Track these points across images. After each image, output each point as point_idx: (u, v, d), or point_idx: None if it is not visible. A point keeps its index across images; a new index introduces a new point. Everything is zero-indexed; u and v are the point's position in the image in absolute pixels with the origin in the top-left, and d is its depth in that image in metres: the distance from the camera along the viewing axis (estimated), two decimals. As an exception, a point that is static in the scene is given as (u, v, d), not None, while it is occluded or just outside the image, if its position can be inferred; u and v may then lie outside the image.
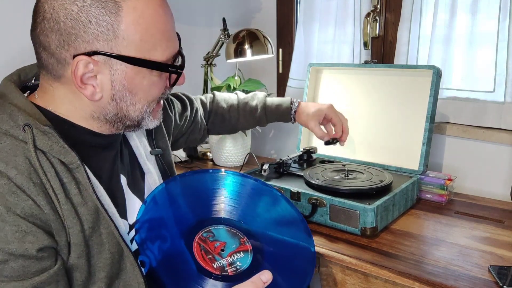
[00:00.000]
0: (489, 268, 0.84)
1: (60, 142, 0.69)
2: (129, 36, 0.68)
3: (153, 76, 0.73)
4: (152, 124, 0.79)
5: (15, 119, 0.68)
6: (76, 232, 0.69)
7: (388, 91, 1.32)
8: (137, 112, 0.75)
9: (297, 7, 1.76)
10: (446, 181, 1.20)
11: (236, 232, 0.73)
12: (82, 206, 0.70)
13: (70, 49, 0.67)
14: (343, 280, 0.95)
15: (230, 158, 1.55)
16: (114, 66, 0.69)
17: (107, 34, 0.67)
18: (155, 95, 0.76)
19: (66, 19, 0.66)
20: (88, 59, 0.67)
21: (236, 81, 1.55)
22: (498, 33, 1.24)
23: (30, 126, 0.68)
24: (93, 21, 0.66)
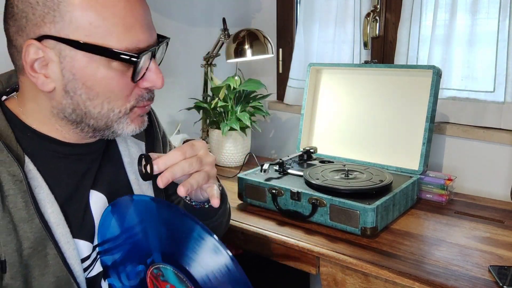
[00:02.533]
0: (489, 268, 0.84)
1: (4, 151, 0.64)
2: (77, 19, 0.62)
3: (112, 69, 0.65)
4: (128, 129, 0.71)
5: None
6: (11, 251, 0.63)
7: (388, 91, 1.32)
8: (98, 109, 0.67)
9: (297, 7, 1.76)
10: (446, 181, 1.20)
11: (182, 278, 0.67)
12: (25, 223, 0.64)
13: (23, 34, 0.64)
14: (343, 280, 0.95)
15: (230, 158, 1.55)
16: (63, 52, 0.64)
17: (53, 15, 0.62)
18: (117, 91, 0.67)
19: (18, 2, 0.64)
20: (37, 44, 0.63)
21: (236, 81, 1.55)
22: (498, 33, 1.24)
23: None
24: (40, 2, 0.62)
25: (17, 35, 0.65)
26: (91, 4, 0.62)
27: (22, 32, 0.64)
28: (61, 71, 0.65)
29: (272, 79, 1.86)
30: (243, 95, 1.57)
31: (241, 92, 1.56)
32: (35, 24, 0.63)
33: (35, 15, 0.63)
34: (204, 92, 1.65)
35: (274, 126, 1.84)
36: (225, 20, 1.55)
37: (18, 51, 0.66)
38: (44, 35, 0.63)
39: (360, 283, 0.93)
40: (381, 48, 1.53)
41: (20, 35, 0.64)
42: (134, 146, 0.84)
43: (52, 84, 0.66)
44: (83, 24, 0.63)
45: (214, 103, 1.51)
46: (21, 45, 0.65)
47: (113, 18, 0.63)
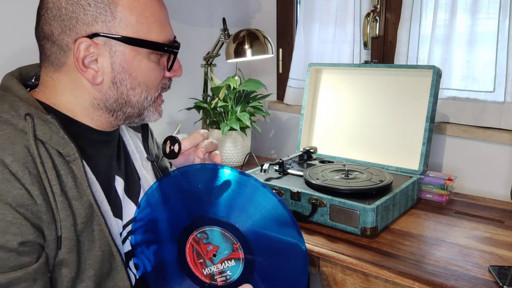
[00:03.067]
0: (489, 268, 0.84)
1: (60, 132, 0.70)
2: (126, 18, 0.71)
3: (151, 61, 0.75)
4: (153, 117, 0.80)
5: (16, 109, 0.69)
6: (68, 225, 0.68)
7: (388, 91, 1.32)
8: (137, 97, 0.76)
9: (297, 7, 1.76)
10: (446, 181, 1.20)
11: (229, 236, 0.72)
12: (76, 200, 0.70)
13: (71, 33, 0.70)
14: (343, 280, 0.95)
15: (230, 158, 1.55)
16: (114, 48, 0.72)
17: (105, 15, 0.70)
18: (154, 80, 0.77)
19: (67, 4, 0.70)
20: (89, 41, 0.70)
21: (236, 81, 1.55)
22: (498, 33, 1.24)
23: (31, 115, 0.68)
24: (92, 3, 0.70)
25: (63, 35, 0.71)
26: (135, 4, 0.72)
27: (70, 31, 0.70)
28: (111, 64, 0.72)
29: (272, 79, 1.86)
30: (243, 95, 1.57)
31: (241, 92, 1.56)
32: (86, 24, 0.70)
33: (86, 15, 0.70)
34: (204, 92, 1.65)
35: (274, 126, 1.84)
36: (225, 20, 1.55)
37: (63, 49, 0.72)
38: (95, 33, 0.70)
39: (360, 283, 0.93)
40: (381, 48, 1.53)
41: (68, 34, 0.70)
42: (133, 136, 0.92)
43: (101, 77, 0.73)
44: (131, 22, 0.72)
45: (214, 103, 1.51)
46: (68, 43, 0.71)
47: (152, 17, 0.74)
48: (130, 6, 0.72)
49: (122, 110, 0.77)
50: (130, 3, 0.72)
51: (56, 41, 0.72)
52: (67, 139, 0.70)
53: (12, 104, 0.69)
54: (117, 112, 0.77)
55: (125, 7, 0.71)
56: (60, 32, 0.71)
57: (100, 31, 0.70)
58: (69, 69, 0.73)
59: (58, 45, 0.72)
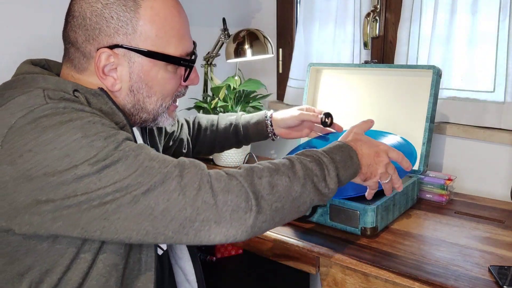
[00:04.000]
0: (489, 268, 0.84)
1: (108, 103, 0.75)
2: (146, 32, 0.75)
3: (168, 71, 0.79)
4: (167, 121, 0.85)
5: (63, 87, 0.72)
6: None
7: (388, 91, 1.32)
8: (153, 105, 0.81)
9: (297, 7, 1.76)
10: (446, 181, 1.20)
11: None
12: None
13: (94, 43, 0.75)
14: (343, 280, 0.95)
15: (230, 158, 1.55)
16: (132, 59, 0.76)
17: (126, 28, 0.74)
18: (169, 89, 0.81)
19: (92, 15, 0.74)
20: (109, 51, 0.74)
21: (236, 81, 1.54)
22: (498, 33, 1.24)
23: (79, 91, 0.73)
24: (115, 17, 0.74)
25: (86, 43, 0.75)
26: (155, 19, 0.76)
27: (93, 41, 0.75)
28: (129, 74, 0.77)
29: (272, 79, 1.86)
30: (243, 95, 1.57)
31: (241, 92, 1.56)
32: (108, 35, 0.74)
33: (109, 27, 0.74)
34: (204, 92, 1.65)
35: (274, 126, 1.84)
36: (225, 20, 1.55)
37: (86, 56, 0.76)
38: (116, 44, 0.75)
39: (360, 283, 0.93)
40: (381, 48, 1.53)
41: (91, 43, 0.75)
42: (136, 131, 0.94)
43: (119, 85, 0.77)
44: (150, 35, 0.76)
45: (214, 103, 1.51)
46: (91, 51, 0.75)
47: (171, 30, 0.78)
48: (150, 21, 0.75)
49: (138, 115, 0.81)
50: (151, 17, 0.75)
51: (80, 48, 0.76)
52: (115, 108, 0.75)
53: (57, 83, 0.72)
54: (134, 116, 0.81)
55: (146, 21, 0.75)
56: (84, 40, 0.75)
57: (121, 42, 0.75)
58: (90, 74, 0.77)
59: (81, 52, 0.76)
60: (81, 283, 0.70)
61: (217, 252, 1.49)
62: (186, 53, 0.81)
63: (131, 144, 0.67)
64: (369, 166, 0.86)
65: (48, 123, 0.64)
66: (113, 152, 0.64)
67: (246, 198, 0.68)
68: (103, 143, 0.64)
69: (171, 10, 0.78)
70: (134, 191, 0.63)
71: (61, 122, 0.64)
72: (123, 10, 0.74)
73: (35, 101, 0.67)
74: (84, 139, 0.63)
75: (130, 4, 0.74)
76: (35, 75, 0.74)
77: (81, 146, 0.63)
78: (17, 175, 0.62)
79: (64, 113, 0.66)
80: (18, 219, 0.64)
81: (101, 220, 0.63)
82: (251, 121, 1.18)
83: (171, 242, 0.67)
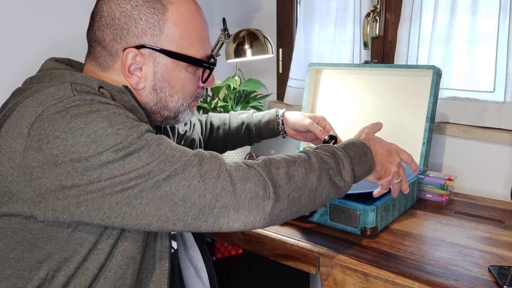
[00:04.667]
0: (489, 268, 0.84)
1: (131, 100, 0.77)
2: (172, 33, 0.79)
3: (188, 72, 0.83)
4: (188, 117, 0.88)
5: (89, 83, 0.75)
6: None
7: (388, 91, 1.32)
8: (174, 103, 0.84)
9: (297, 7, 1.76)
10: (446, 181, 1.20)
11: None
12: None
13: (121, 42, 0.78)
14: (343, 280, 0.95)
15: (230, 159, 1.55)
16: (157, 59, 0.79)
17: (154, 30, 0.78)
18: (190, 89, 0.85)
19: (121, 16, 0.77)
20: (136, 51, 0.78)
21: (236, 81, 1.54)
22: (498, 33, 1.24)
23: (104, 88, 0.75)
24: (143, 18, 0.77)
25: (114, 42, 0.78)
26: (181, 21, 0.79)
27: (121, 40, 0.78)
28: (153, 73, 0.80)
29: (272, 79, 1.86)
30: (243, 95, 1.57)
31: (241, 92, 1.56)
32: (136, 35, 0.78)
33: (137, 28, 0.77)
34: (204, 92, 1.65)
35: (274, 126, 1.84)
36: (225, 20, 1.55)
37: (112, 55, 0.79)
38: (143, 45, 0.78)
39: (360, 283, 0.93)
40: (381, 48, 1.53)
41: (118, 42, 0.78)
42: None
43: (143, 84, 0.80)
44: (176, 37, 0.79)
45: (214, 103, 1.51)
46: (117, 50, 0.78)
47: (194, 33, 0.81)
48: (176, 23, 0.79)
49: (160, 113, 0.84)
50: (177, 20, 0.79)
51: (106, 47, 0.79)
52: (137, 106, 0.78)
53: (84, 79, 0.75)
54: (156, 114, 0.84)
55: (172, 24, 0.79)
56: (112, 39, 0.78)
57: (148, 43, 0.78)
58: (114, 72, 0.80)
59: (108, 50, 0.79)
60: (97, 273, 0.72)
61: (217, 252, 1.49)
62: (206, 55, 0.84)
63: (152, 134, 0.70)
64: (383, 164, 0.88)
65: (76, 111, 0.67)
66: (137, 141, 0.67)
67: (264, 186, 0.71)
68: (127, 132, 0.67)
69: (194, 14, 0.81)
70: (156, 177, 0.66)
71: (89, 111, 0.67)
72: (151, 13, 0.77)
73: (64, 93, 0.70)
74: (110, 128, 0.66)
75: (158, 7, 0.77)
76: (62, 71, 0.77)
77: (107, 134, 0.66)
78: (45, 160, 0.65)
79: (92, 104, 0.69)
80: (42, 205, 0.66)
81: (123, 206, 0.66)
82: (262, 120, 1.20)
83: (190, 229, 0.69)
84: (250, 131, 1.21)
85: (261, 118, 1.21)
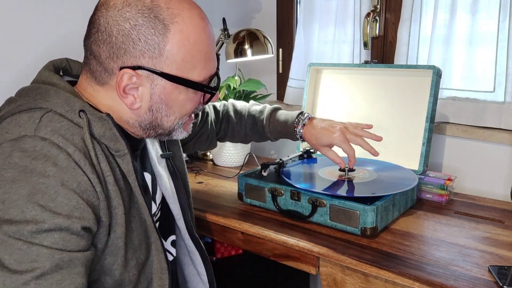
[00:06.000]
0: (489, 268, 0.84)
1: (113, 129, 0.74)
2: (173, 56, 0.74)
3: (189, 93, 0.79)
4: (181, 135, 0.85)
5: (71, 105, 0.72)
6: (120, 213, 0.74)
7: (388, 91, 1.32)
8: (170, 123, 0.80)
9: (297, 7, 1.76)
10: (446, 181, 1.20)
11: None
12: (124, 191, 0.76)
13: (118, 61, 0.73)
14: (343, 280, 0.95)
15: (230, 158, 1.55)
16: (155, 81, 0.75)
17: (153, 52, 0.73)
18: (188, 109, 0.81)
19: (118, 34, 0.72)
20: (132, 72, 0.73)
21: (236, 81, 1.55)
22: (498, 33, 1.24)
23: (85, 112, 0.72)
24: (142, 39, 0.72)
25: (109, 60, 0.74)
26: (184, 43, 0.74)
27: (117, 59, 0.73)
28: (150, 95, 0.76)
29: (272, 79, 1.86)
30: (243, 95, 1.57)
31: (241, 92, 1.56)
32: (133, 56, 0.73)
33: (135, 49, 0.72)
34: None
35: (274, 126, 1.84)
36: (225, 20, 1.55)
37: (107, 72, 0.75)
38: (140, 66, 0.73)
39: (360, 283, 0.93)
40: (381, 48, 1.53)
41: (114, 60, 0.74)
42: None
43: (139, 104, 0.76)
44: (176, 60, 0.74)
45: (214, 103, 1.51)
46: (113, 68, 0.74)
47: (198, 55, 0.76)
48: (179, 45, 0.73)
49: (154, 130, 0.81)
50: (180, 41, 0.73)
51: (102, 63, 0.74)
52: (118, 136, 0.75)
53: (67, 100, 0.72)
54: (150, 131, 0.81)
55: (174, 45, 0.73)
56: (108, 56, 0.73)
57: (145, 65, 0.73)
58: (110, 88, 0.76)
59: (103, 67, 0.75)
60: None
61: (217, 252, 1.49)
62: (210, 75, 0.80)
63: (55, 237, 0.65)
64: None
65: (16, 161, 0.66)
66: (28, 236, 0.63)
67: None
68: (35, 213, 0.63)
69: (200, 34, 0.76)
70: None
71: (25, 170, 0.65)
72: (152, 34, 0.72)
73: (26, 130, 0.68)
74: (24, 199, 0.64)
75: (160, 28, 0.72)
76: (49, 88, 0.74)
77: (16, 204, 0.64)
78: None
79: (35, 158, 0.66)
80: None
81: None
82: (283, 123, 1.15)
83: None
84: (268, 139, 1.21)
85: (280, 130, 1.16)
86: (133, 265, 0.78)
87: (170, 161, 0.95)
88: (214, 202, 1.22)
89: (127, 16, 0.71)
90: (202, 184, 1.37)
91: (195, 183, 1.37)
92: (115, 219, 0.73)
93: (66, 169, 0.67)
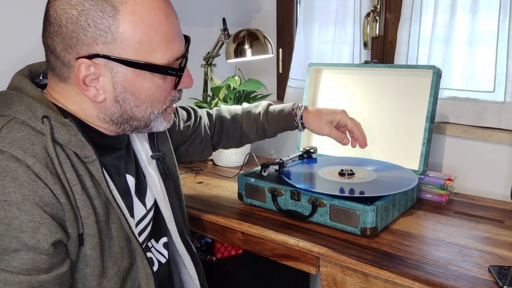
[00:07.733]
0: (489, 268, 0.84)
1: (78, 135, 0.70)
2: (128, 39, 0.69)
3: (156, 78, 0.73)
4: (162, 126, 0.80)
5: (33, 111, 0.69)
6: (91, 223, 0.70)
7: (388, 91, 1.32)
8: (142, 113, 0.76)
9: (297, 7, 1.76)
10: (446, 181, 1.20)
11: None
12: (96, 199, 0.72)
13: (72, 52, 0.69)
14: (343, 280, 0.95)
15: (230, 158, 1.55)
16: (115, 69, 0.70)
17: (105, 37, 0.68)
18: (159, 97, 0.76)
19: (67, 23, 0.68)
20: (89, 62, 0.69)
21: (236, 81, 1.55)
22: (498, 33, 1.24)
23: (49, 118, 0.68)
24: (92, 24, 0.67)
25: (65, 52, 0.70)
26: (138, 24, 0.69)
27: (71, 50, 0.69)
28: (112, 84, 0.71)
29: (272, 79, 1.86)
30: (243, 95, 1.57)
31: (241, 92, 1.56)
32: (86, 44, 0.68)
33: (86, 36, 0.68)
34: (204, 92, 1.65)
35: (274, 126, 1.84)
36: (225, 20, 1.55)
37: (65, 65, 0.71)
38: (96, 54, 0.68)
39: (360, 283, 0.93)
40: (381, 48, 1.53)
41: (69, 52, 0.69)
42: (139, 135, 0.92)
43: (103, 96, 0.72)
44: (132, 43, 0.69)
45: (214, 103, 1.51)
46: (69, 60, 0.70)
47: (157, 36, 0.71)
48: (133, 27, 0.68)
49: (128, 123, 0.77)
50: (133, 23, 0.68)
51: (59, 57, 0.71)
52: (85, 141, 0.71)
53: (29, 106, 0.69)
54: (124, 125, 0.77)
55: (128, 28, 0.68)
56: (62, 49, 0.70)
57: (101, 52, 0.69)
58: (73, 83, 0.72)
59: (61, 61, 0.71)
60: None
61: (217, 252, 1.49)
62: (176, 57, 0.74)
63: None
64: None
65: None
66: None
67: None
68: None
69: (156, 13, 0.70)
70: None
71: None
72: (100, 17, 0.67)
73: None
74: None
75: (108, 10, 0.67)
76: (13, 93, 0.71)
77: None
78: None
79: None
80: None
81: None
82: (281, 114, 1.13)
83: None
84: (265, 132, 1.17)
85: (278, 118, 1.13)
86: (114, 273, 0.75)
87: (161, 162, 0.93)
88: (214, 202, 1.22)
89: (74, 2, 0.67)
90: (202, 184, 1.37)
91: (195, 183, 1.38)
92: (86, 229, 0.70)
93: (26, 183, 0.63)
